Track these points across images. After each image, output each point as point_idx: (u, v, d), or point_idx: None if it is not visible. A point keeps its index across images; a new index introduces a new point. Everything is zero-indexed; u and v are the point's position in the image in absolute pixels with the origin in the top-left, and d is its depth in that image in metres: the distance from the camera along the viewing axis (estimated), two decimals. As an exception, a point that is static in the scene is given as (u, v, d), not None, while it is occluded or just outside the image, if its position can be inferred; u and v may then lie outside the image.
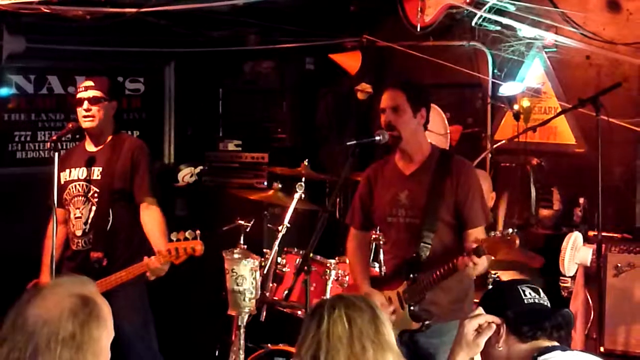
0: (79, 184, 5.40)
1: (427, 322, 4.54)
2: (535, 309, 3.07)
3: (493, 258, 4.34)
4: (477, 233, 4.51)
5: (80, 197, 5.38)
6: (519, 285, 3.13)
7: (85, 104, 5.32)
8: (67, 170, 5.42)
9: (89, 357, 2.40)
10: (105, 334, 2.48)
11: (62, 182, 5.39)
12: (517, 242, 4.11)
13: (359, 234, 4.99)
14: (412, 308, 4.54)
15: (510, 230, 4.17)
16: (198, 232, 5.00)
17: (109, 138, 5.46)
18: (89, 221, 5.34)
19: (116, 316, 5.22)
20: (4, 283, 2.89)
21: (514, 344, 3.04)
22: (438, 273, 4.41)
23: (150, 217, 5.32)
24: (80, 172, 5.41)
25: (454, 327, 4.56)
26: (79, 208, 5.37)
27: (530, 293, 3.10)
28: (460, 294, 4.64)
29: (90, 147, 5.47)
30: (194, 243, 5.01)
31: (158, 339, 5.57)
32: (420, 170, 4.69)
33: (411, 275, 4.55)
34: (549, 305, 3.12)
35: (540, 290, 3.15)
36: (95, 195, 5.35)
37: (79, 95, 5.38)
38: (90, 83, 5.41)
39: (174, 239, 5.02)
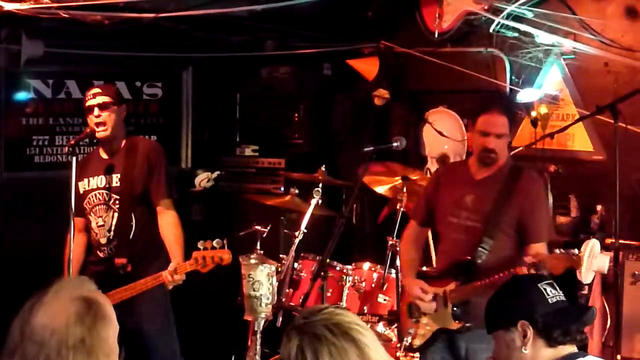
0: (98, 193, 5.41)
1: (467, 325, 4.56)
2: (561, 309, 3.05)
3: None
4: (538, 248, 4.56)
5: (102, 206, 5.39)
6: (539, 284, 3.11)
7: (96, 111, 5.32)
8: (85, 180, 5.42)
9: (102, 358, 2.41)
10: (112, 332, 2.48)
11: (81, 192, 5.39)
12: (582, 262, 4.11)
13: (417, 228, 5.10)
14: (455, 309, 4.59)
15: (576, 250, 4.17)
16: (225, 240, 5.01)
17: (123, 143, 5.46)
18: (113, 228, 5.35)
19: (139, 318, 5.27)
20: (22, 288, 2.91)
21: (541, 347, 3.01)
22: (490, 280, 4.42)
23: (167, 223, 5.33)
24: (99, 181, 5.41)
25: None
26: (101, 216, 5.39)
27: (551, 291, 3.08)
28: None
29: (105, 154, 5.48)
30: (222, 252, 5.02)
31: (175, 344, 5.59)
32: (491, 177, 4.77)
33: (461, 277, 4.60)
34: (565, 299, 3.10)
35: (555, 284, 3.14)
36: (117, 202, 5.36)
37: (88, 103, 5.37)
38: (97, 90, 5.42)
39: (201, 248, 5.02)
